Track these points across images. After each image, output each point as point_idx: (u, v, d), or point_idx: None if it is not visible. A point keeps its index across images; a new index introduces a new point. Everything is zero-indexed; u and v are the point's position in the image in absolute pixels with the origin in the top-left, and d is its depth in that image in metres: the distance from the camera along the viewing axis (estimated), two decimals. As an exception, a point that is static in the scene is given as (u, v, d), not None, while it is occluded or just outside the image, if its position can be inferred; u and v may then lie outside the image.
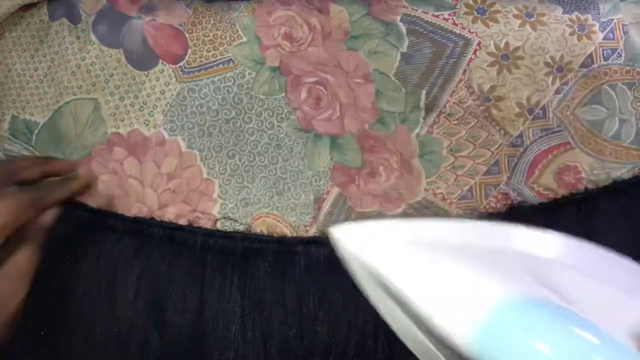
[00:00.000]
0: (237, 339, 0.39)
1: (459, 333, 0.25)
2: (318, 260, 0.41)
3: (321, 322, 0.39)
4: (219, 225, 0.43)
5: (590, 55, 0.45)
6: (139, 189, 0.43)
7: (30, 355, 0.39)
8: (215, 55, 0.45)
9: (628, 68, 0.45)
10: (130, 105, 0.44)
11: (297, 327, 0.39)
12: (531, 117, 0.45)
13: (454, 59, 0.45)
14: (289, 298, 0.40)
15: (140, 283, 0.40)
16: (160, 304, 0.40)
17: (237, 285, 0.40)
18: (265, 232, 0.43)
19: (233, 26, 0.45)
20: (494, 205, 0.44)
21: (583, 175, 0.44)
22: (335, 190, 0.44)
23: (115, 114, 0.44)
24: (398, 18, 0.46)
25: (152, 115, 0.44)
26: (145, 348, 0.39)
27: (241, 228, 0.43)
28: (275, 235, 0.42)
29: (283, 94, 0.44)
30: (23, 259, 0.36)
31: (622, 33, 0.46)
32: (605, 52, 0.45)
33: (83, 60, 0.45)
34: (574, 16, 0.46)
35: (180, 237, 0.41)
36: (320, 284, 0.40)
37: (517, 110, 0.45)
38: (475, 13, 0.46)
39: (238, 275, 0.40)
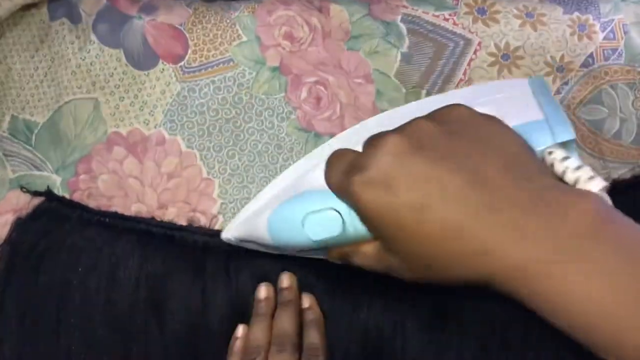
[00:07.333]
0: None
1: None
2: (319, 260, 0.41)
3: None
4: (219, 225, 0.42)
5: (591, 55, 0.45)
6: (139, 189, 0.43)
7: (29, 352, 0.39)
8: (215, 55, 0.45)
9: (629, 68, 0.45)
10: (130, 104, 0.44)
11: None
12: (532, 117, 0.45)
13: (455, 59, 0.45)
14: None
15: (140, 282, 0.40)
16: (160, 303, 0.40)
17: (238, 284, 0.40)
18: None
19: (233, 26, 0.45)
20: (494, 205, 0.43)
21: (584, 175, 0.44)
22: (336, 190, 0.44)
23: (115, 113, 0.44)
24: (398, 18, 0.46)
25: (152, 115, 0.44)
26: (145, 347, 0.39)
27: (241, 228, 0.43)
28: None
29: (283, 94, 0.44)
30: None
31: (622, 33, 0.46)
32: (605, 52, 0.45)
33: (83, 60, 0.45)
34: (574, 16, 0.46)
35: (180, 237, 0.41)
36: (325, 284, 0.40)
37: (517, 110, 0.45)
38: (476, 13, 0.46)
39: (240, 274, 0.40)
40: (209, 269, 0.40)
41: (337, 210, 0.31)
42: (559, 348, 0.38)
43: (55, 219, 0.42)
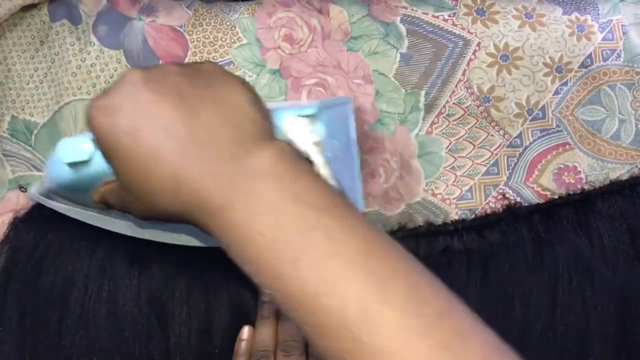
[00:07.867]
0: None
1: None
2: None
3: None
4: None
5: (590, 56, 0.45)
6: (139, 190, 0.43)
7: (30, 353, 0.39)
8: (215, 57, 0.45)
9: (627, 69, 0.45)
10: (131, 106, 0.44)
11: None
12: (530, 117, 0.45)
13: (453, 60, 0.45)
14: None
15: (141, 284, 0.40)
16: (162, 304, 0.40)
17: (240, 285, 0.40)
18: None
19: (233, 28, 0.45)
20: (493, 205, 0.44)
21: (582, 175, 0.44)
22: (335, 191, 0.44)
23: (115, 114, 0.44)
24: (398, 19, 0.46)
25: (152, 116, 0.44)
26: (148, 348, 0.39)
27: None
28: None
29: (283, 97, 0.44)
30: None
31: (621, 33, 0.46)
32: (604, 52, 0.46)
33: (83, 61, 0.45)
34: (573, 17, 0.46)
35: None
36: None
37: (516, 110, 0.45)
38: (475, 14, 0.46)
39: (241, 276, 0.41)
40: (210, 270, 0.40)
41: (92, 140, 0.33)
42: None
43: (55, 219, 0.42)
